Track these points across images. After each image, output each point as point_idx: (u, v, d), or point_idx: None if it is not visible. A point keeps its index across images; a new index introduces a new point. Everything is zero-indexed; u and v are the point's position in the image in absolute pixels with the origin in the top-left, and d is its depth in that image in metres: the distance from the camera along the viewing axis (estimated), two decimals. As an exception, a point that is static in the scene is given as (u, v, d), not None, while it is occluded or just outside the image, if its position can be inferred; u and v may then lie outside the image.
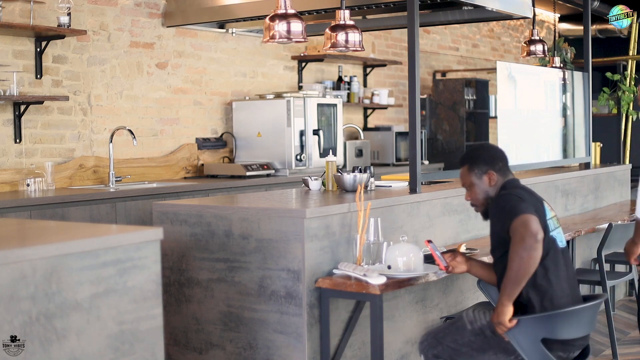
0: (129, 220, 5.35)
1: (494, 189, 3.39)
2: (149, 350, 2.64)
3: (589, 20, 6.87)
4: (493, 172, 3.38)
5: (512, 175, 3.46)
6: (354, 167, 4.48)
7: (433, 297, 4.46)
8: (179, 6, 6.47)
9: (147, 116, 6.40)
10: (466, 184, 3.47)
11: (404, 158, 8.25)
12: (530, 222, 3.08)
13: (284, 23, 4.35)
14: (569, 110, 6.83)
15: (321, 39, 6.12)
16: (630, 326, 5.72)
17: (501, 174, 3.40)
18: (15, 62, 5.48)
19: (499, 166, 3.41)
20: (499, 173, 3.39)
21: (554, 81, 6.69)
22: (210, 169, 6.70)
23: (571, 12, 10.51)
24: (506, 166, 3.45)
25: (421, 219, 4.41)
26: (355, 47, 4.57)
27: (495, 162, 3.42)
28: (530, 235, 3.05)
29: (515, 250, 3.08)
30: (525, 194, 3.28)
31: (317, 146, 6.80)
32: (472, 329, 3.29)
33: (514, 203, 3.18)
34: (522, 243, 3.05)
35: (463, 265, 3.55)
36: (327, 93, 7.61)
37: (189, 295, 3.98)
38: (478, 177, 3.40)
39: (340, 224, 3.80)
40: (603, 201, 6.73)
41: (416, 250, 3.70)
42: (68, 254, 2.41)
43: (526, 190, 3.34)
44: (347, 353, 3.86)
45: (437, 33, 9.85)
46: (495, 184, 3.38)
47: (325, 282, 3.61)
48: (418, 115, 4.49)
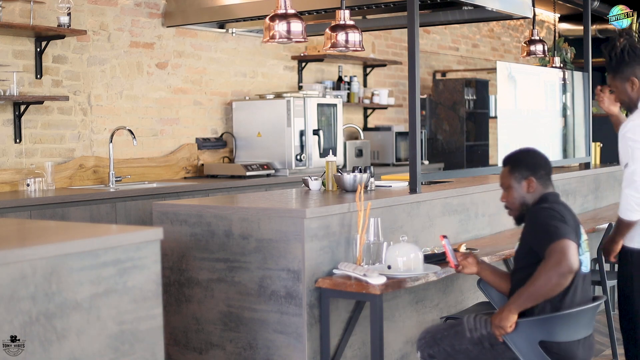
0: (129, 220, 5.35)
1: (531, 197, 3.31)
2: (149, 350, 2.64)
3: (589, 20, 6.87)
4: (533, 179, 3.30)
5: (552, 187, 3.37)
6: (354, 167, 4.48)
7: (433, 297, 4.46)
8: (179, 6, 6.47)
9: (147, 116, 6.40)
10: (504, 185, 3.38)
11: (404, 158, 8.25)
12: (571, 251, 3.01)
13: (284, 23, 4.35)
14: (569, 110, 6.83)
15: (321, 39, 6.12)
16: (630, 326, 5.71)
17: (541, 182, 3.32)
18: (15, 62, 5.48)
19: (541, 174, 3.33)
20: (539, 181, 3.31)
21: (554, 81, 6.69)
22: (210, 169, 6.70)
23: (571, 12, 10.51)
24: (548, 176, 3.36)
25: (421, 219, 4.41)
26: (355, 47, 4.57)
27: (538, 170, 3.33)
28: (568, 264, 3.00)
29: (547, 271, 3.02)
30: (567, 214, 3.19)
31: (317, 146, 6.80)
32: (470, 337, 3.27)
33: (557, 224, 3.09)
34: (557, 267, 3.00)
35: (474, 267, 3.50)
36: (327, 93, 7.62)
37: (189, 295, 3.98)
38: (517, 181, 3.32)
39: (340, 224, 3.80)
40: (603, 201, 6.72)
41: (416, 250, 3.70)
42: (68, 254, 2.41)
43: (567, 210, 3.25)
44: (347, 353, 3.86)
45: (437, 33, 9.85)
46: (533, 191, 3.30)
47: (325, 282, 3.61)
48: (418, 115, 4.49)
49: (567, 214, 3.21)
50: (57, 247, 2.40)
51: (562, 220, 3.11)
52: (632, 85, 3.61)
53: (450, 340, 3.31)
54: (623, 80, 3.62)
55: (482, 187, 4.98)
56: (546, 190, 3.33)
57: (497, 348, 3.20)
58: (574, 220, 3.22)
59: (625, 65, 3.60)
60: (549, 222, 3.11)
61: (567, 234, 3.06)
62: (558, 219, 3.12)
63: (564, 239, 3.03)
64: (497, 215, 5.07)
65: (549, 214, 3.15)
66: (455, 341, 3.29)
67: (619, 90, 3.65)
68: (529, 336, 3.11)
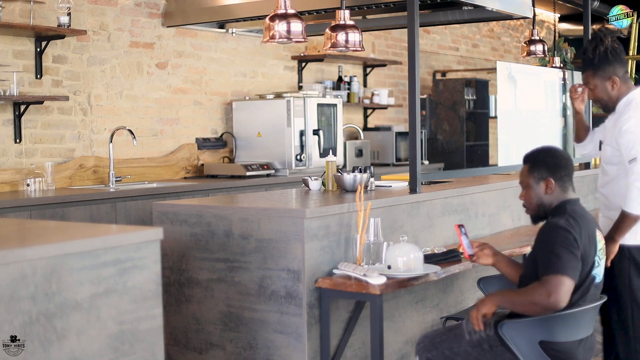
0: (129, 220, 5.35)
1: (549, 198, 3.22)
2: (149, 350, 2.64)
3: (589, 20, 6.87)
4: (552, 181, 3.21)
5: (572, 189, 3.26)
6: (354, 167, 4.48)
7: (433, 297, 4.46)
8: (179, 6, 6.47)
9: (147, 116, 6.40)
10: (523, 184, 3.29)
11: (404, 158, 8.25)
12: (564, 289, 2.96)
13: (284, 23, 4.35)
14: (569, 110, 6.83)
15: (321, 39, 6.12)
16: (630, 326, 5.70)
17: (561, 184, 3.22)
18: (15, 62, 5.48)
19: (560, 175, 3.23)
20: (558, 182, 3.21)
21: (554, 81, 6.69)
22: (210, 169, 6.70)
23: (571, 12, 10.50)
24: (568, 177, 3.25)
25: (421, 219, 4.41)
26: (355, 47, 4.57)
27: (558, 171, 3.23)
28: (555, 301, 2.96)
29: (533, 294, 3.00)
30: (583, 228, 3.09)
31: (317, 146, 6.80)
32: (469, 340, 3.26)
33: (565, 254, 3.00)
34: (545, 300, 2.97)
35: (489, 259, 3.42)
36: (327, 93, 7.62)
37: (189, 295, 3.98)
38: (536, 181, 3.23)
39: (340, 224, 3.80)
40: (603, 201, 6.72)
41: (416, 250, 3.70)
42: (68, 254, 2.41)
43: (584, 220, 3.15)
44: (347, 353, 3.86)
45: (437, 33, 9.85)
46: (552, 193, 3.21)
47: (325, 282, 3.61)
48: (418, 115, 4.49)
49: (583, 227, 3.10)
50: (57, 247, 2.40)
51: (572, 248, 3.02)
52: (612, 84, 3.63)
53: (449, 343, 3.30)
54: (604, 78, 3.63)
55: (482, 187, 4.98)
56: (565, 195, 3.23)
57: (496, 350, 3.19)
58: (588, 231, 3.12)
59: (608, 63, 3.62)
60: (558, 249, 3.01)
61: (569, 269, 2.98)
62: (569, 246, 3.02)
63: (563, 276, 2.97)
64: (497, 215, 5.08)
65: (563, 238, 3.03)
66: (454, 344, 3.28)
67: (599, 89, 3.65)
68: (529, 336, 3.11)
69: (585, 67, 3.67)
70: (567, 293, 2.98)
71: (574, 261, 3.02)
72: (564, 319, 3.08)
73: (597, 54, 3.62)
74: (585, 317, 3.15)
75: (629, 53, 10.38)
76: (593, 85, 3.66)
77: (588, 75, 3.66)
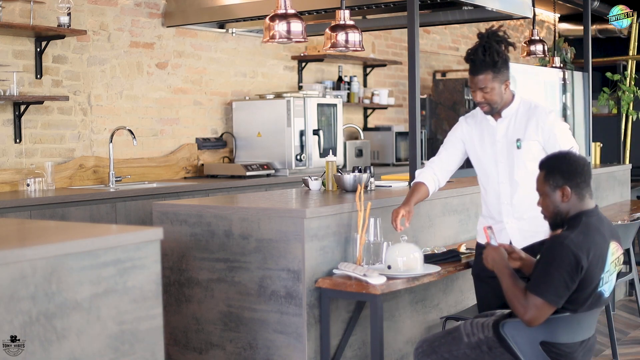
0: (129, 220, 5.35)
1: (566, 206, 3.09)
2: (149, 350, 2.64)
3: (589, 20, 6.88)
4: (568, 188, 3.08)
5: (590, 196, 3.11)
6: (354, 167, 4.48)
7: (433, 297, 4.46)
8: (179, 6, 6.47)
9: (147, 116, 6.40)
10: (539, 191, 3.17)
11: (404, 158, 8.25)
12: (540, 312, 2.95)
13: (284, 23, 4.35)
14: (569, 110, 6.83)
15: (321, 39, 6.12)
16: (630, 326, 5.72)
17: (577, 191, 3.08)
18: (15, 62, 5.48)
19: (577, 182, 3.08)
20: (574, 190, 3.08)
21: (554, 81, 6.69)
22: (210, 169, 6.70)
23: (571, 12, 10.51)
24: (586, 183, 3.11)
25: (421, 219, 4.41)
26: (355, 47, 4.57)
27: (574, 178, 3.08)
28: (530, 320, 2.98)
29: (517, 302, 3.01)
30: (592, 245, 2.98)
31: (317, 146, 6.80)
32: (468, 342, 3.26)
33: (558, 280, 2.92)
34: (522, 312, 2.98)
35: (517, 262, 3.31)
36: (327, 93, 7.62)
37: (189, 295, 3.98)
38: (552, 189, 3.10)
39: (340, 224, 3.80)
40: (603, 201, 6.72)
41: (416, 250, 3.70)
42: (68, 254, 2.41)
43: (599, 233, 3.04)
44: (347, 353, 3.86)
45: (437, 33, 9.85)
46: (568, 201, 3.08)
47: (325, 282, 3.61)
48: (418, 115, 4.49)
49: (593, 245, 2.99)
50: (57, 247, 2.40)
51: (569, 274, 2.93)
52: (506, 88, 3.67)
53: (448, 346, 3.29)
54: (501, 82, 3.64)
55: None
56: (582, 203, 3.10)
57: (495, 351, 3.19)
58: (599, 250, 3.00)
59: (506, 68, 3.63)
60: (554, 270, 2.94)
61: (553, 295, 2.94)
62: (567, 271, 2.92)
63: (544, 301, 2.94)
64: (497, 215, 5.07)
65: (564, 259, 2.93)
66: (453, 347, 3.28)
67: (496, 92, 3.63)
68: (530, 336, 3.11)
69: (483, 68, 3.60)
70: (544, 317, 2.98)
71: (563, 288, 2.94)
72: (567, 320, 3.07)
73: (500, 57, 3.60)
74: (588, 319, 3.14)
75: (629, 53, 10.37)
76: (491, 87, 3.62)
77: (487, 77, 3.61)
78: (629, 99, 9.02)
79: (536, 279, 2.99)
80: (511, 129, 3.73)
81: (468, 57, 3.68)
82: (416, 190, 3.92)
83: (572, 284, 2.95)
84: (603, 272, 3.04)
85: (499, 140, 3.75)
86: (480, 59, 3.62)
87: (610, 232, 3.12)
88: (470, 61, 3.66)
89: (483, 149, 3.82)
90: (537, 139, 3.69)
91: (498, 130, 3.76)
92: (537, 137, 3.69)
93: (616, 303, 6.34)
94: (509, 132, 3.74)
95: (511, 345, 3.14)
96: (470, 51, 3.68)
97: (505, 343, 3.15)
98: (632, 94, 8.98)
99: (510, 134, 3.73)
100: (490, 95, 3.65)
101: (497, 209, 3.77)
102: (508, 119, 3.74)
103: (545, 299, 2.95)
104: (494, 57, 3.61)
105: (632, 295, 6.45)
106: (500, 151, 3.75)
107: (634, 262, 5.16)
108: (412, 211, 3.82)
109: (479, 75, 3.63)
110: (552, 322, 3.08)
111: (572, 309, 3.04)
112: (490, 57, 3.61)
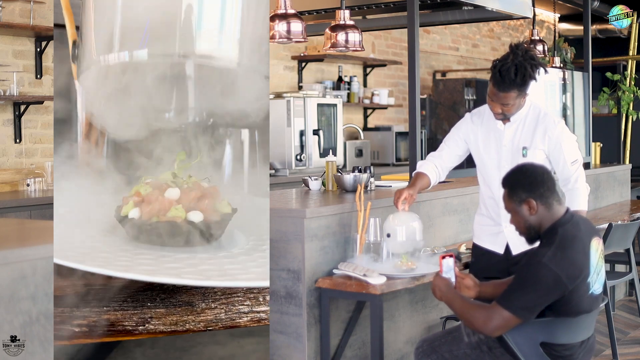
0: (129, 220, 5.34)
1: (536, 218, 3.04)
2: (149, 350, 2.64)
3: (589, 20, 6.88)
4: (533, 201, 3.03)
5: (558, 202, 3.05)
6: (354, 167, 4.48)
7: (433, 297, 4.45)
8: (179, 6, 6.46)
9: (147, 116, 6.39)
10: (508, 209, 3.13)
11: (404, 158, 8.25)
12: (504, 325, 2.95)
13: (284, 23, 4.36)
14: (569, 110, 6.83)
15: (321, 39, 6.10)
16: (630, 326, 5.72)
17: (543, 202, 3.03)
18: (15, 62, 5.48)
19: (540, 193, 3.04)
20: (540, 201, 3.03)
21: (554, 81, 6.69)
22: (210, 169, 6.69)
23: (571, 12, 10.51)
24: (550, 191, 3.05)
25: (421, 218, 4.39)
26: (355, 47, 4.57)
27: (536, 189, 3.04)
28: (491, 331, 2.97)
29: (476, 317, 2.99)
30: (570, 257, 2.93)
31: (317, 146, 6.80)
32: (468, 342, 3.26)
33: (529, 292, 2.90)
34: (482, 322, 2.97)
35: (471, 291, 3.27)
36: (327, 93, 7.61)
37: (189, 295, 3.98)
38: (517, 205, 3.06)
39: (340, 224, 3.80)
40: (603, 201, 6.72)
41: (416, 219, 3.67)
42: (68, 254, 2.41)
43: (577, 240, 2.98)
44: (347, 353, 3.85)
45: (437, 33, 9.85)
46: (536, 212, 3.03)
47: (325, 282, 3.61)
48: (418, 115, 4.49)
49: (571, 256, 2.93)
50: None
51: (544, 292, 2.90)
52: (523, 100, 3.65)
53: (448, 346, 3.29)
54: (522, 97, 3.62)
55: (482, 187, 4.97)
56: (552, 213, 3.05)
57: (495, 351, 3.19)
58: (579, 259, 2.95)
59: (527, 86, 3.60)
60: (529, 287, 2.91)
61: (523, 311, 2.92)
62: (542, 288, 2.90)
63: (512, 315, 2.92)
64: (497, 215, 5.06)
65: (541, 277, 2.89)
66: (453, 347, 3.28)
67: (515, 106, 3.63)
68: (530, 337, 3.11)
69: (509, 86, 3.56)
70: (508, 328, 2.97)
71: (537, 306, 2.94)
72: (567, 321, 3.07)
73: (530, 79, 3.57)
74: (587, 319, 3.14)
75: (629, 53, 10.38)
76: (513, 103, 3.61)
77: (512, 94, 3.58)
78: (629, 99, 9.02)
79: (509, 294, 2.95)
80: (518, 135, 3.70)
81: (497, 70, 3.59)
82: (419, 178, 3.89)
83: (547, 301, 2.94)
84: (589, 276, 2.99)
85: (505, 145, 3.73)
86: (511, 78, 3.54)
87: (588, 232, 3.06)
88: (498, 75, 3.57)
89: (487, 151, 3.80)
90: (543, 147, 3.69)
91: (505, 135, 3.73)
92: (543, 146, 3.68)
93: (616, 303, 6.34)
94: (515, 139, 3.71)
95: (511, 345, 3.14)
96: (500, 64, 3.58)
97: (505, 343, 3.15)
98: (632, 94, 8.98)
99: (517, 140, 3.70)
100: (509, 109, 3.63)
101: (495, 211, 3.76)
102: (516, 125, 3.71)
103: (516, 314, 2.92)
104: (525, 80, 3.56)
105: (632, 295, 6.45)
106: (505, 157, 3.72)
107: (634, 262, 5.15)
108: (415, 196, 3.78)
109: (504, 92, 3.58)
110: (551, 323, 3.08)
111: (572, 315, 3.04)
112: (521, 79, 3.54)
